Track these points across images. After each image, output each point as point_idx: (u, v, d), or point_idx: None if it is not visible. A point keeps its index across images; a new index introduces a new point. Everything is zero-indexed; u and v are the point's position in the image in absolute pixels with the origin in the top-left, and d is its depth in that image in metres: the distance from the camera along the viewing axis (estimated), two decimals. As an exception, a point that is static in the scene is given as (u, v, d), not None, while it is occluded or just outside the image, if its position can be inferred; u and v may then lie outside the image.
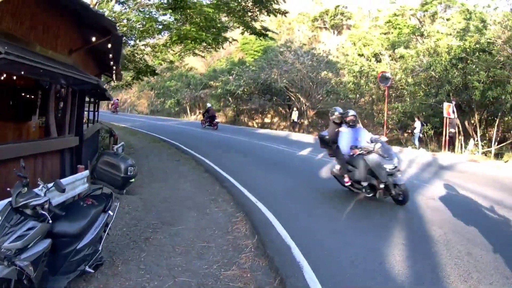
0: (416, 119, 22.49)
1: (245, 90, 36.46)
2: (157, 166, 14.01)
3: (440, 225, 7.25)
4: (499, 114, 18.66)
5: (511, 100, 16.75)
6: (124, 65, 21.43)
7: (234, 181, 11.31)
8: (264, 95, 38.33)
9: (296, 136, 28.16)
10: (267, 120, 40.61)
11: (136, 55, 21.28)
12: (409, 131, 24.31)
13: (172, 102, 47.48)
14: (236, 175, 12.12)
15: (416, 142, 22.31)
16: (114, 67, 12.58)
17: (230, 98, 40.03)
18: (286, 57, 34.11)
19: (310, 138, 26.53)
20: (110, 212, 5.06)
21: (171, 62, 25.42)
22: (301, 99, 33.52)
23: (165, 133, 26.11)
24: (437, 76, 20.80)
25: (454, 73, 19.16)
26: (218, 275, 5.25)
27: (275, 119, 39.94)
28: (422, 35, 29.22)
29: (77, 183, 7.71)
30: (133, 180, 5.26)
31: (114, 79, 17.14)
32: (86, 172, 8.11)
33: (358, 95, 28.44)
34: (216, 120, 31.59)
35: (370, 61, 27.10)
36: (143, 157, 15.85)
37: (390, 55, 27.04)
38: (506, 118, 19.39)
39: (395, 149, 19.90)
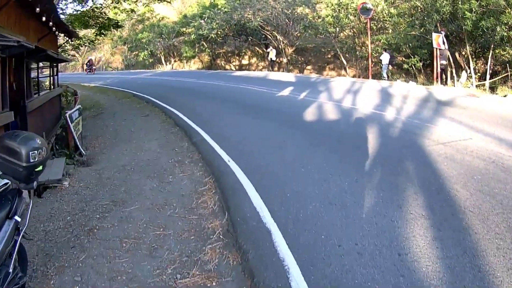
0: (383, 51, 21.71)
1: (219, 33, 34.90)
2: (124, 124, 12.85)
3: (463, 182, 5.66)
4: (492, 46, 17.17)
5: (505, 32, 15.32)
6: (86, 22, 20.95)
7: (205, 135, 9.80)
8: (239, 36, 36.94)
9: (275, 75, 26.39)
10: (244, 61, 38.88)
11: (95, 10, 20.45)
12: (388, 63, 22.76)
13: (145, 54, 45.42)
14: (208, 126, 10.64)
15: (385, 74, 21.59)
16: (52, 23, 10.72)
17: (204, 43, 38.42)
18: (258, -4, 32.15)
19: (290, 76, 24.93)
20: (16, 217, 3.46)
21: (132, 11, 24.26)
22: (278, 37, 31.60)
23: (136, 87, 23.50)
24: (422, 6, 19.37)
25: (443, 2, 17.50)
26: (172, 286, 3.80)
27: (253, 60, 38.24)
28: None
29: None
30: (40, 168, 3.59)
31: (66, 37, 16.04)
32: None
33: (338, 29, 26.63)
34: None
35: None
36: (109, 117, 14.65)
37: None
38: (497, 50, 17.80)
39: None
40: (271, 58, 31.18)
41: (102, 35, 23.79)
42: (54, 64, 14.66)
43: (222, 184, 6.44)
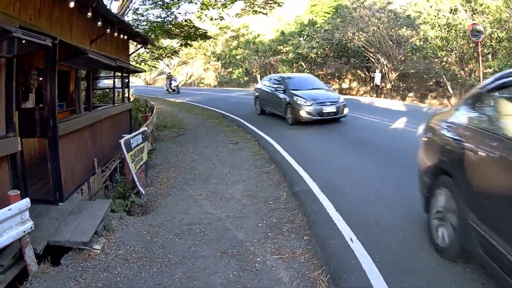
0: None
1: (319, 52, 33.34)
2: (205, 153, 11.01)
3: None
4: None
5: None
6: (169, 31, 20.40)
7: (312, 183, 7.37)
8: (339, 58, 34.87)
9: (381, 102, 24.04)
10: (345, 85, 37.31)
11: (178, 15, 20.39)
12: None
13: (239, 72, 44.81)
14: (315, 169, 8.31)
15: None
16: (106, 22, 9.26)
17: (303, 63, 36.68)
18: (361, 14, 30.05)
19: (398, 104, 22.78)
20: None
21: (221, 18, 22.46)
22: (381, 60, 29.48)
23: (227, 106, 22.41)
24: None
25: None
26: None
27: (354, 84, 36.79)
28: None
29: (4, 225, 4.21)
30: None
31: (139, 43, 15.22)
32: (23, 203, 4.46)
33: (445, 53, 24.23)
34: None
35: (455, 13, 23.37)
36: (191, 141, 13.02)
37: (468, 9, 22.89)
38: None
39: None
40: (376, 83, 29.31)
41: (188, 46, 22.71)
42: (125, 75, 12.81)
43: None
